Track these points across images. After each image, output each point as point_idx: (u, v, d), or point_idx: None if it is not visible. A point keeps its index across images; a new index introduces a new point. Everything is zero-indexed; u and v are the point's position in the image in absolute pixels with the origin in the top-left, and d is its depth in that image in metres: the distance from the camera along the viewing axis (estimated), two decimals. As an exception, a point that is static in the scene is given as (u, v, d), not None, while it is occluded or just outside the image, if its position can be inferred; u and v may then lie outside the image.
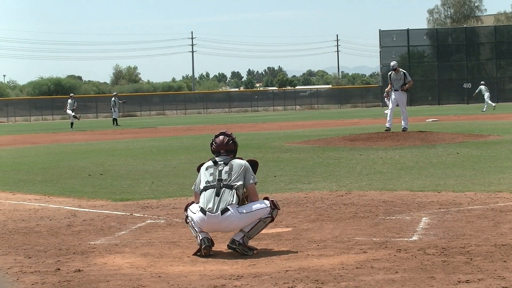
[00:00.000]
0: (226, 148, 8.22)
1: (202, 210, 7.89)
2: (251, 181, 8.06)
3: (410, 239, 8.21)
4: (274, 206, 8.05)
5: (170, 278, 6.73)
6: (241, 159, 8.22)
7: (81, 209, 11.38)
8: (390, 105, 25.30)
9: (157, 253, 7.96)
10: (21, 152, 25.16)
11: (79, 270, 7.13)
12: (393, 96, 25.05)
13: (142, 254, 7.92)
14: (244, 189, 8.09)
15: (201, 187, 8.05)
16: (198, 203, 8.02)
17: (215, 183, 7.95)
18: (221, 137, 8.26)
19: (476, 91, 51.75)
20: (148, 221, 10.13)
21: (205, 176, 8.08)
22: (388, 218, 9.64)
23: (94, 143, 29.48)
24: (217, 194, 7.89)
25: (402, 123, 24.95)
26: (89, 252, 8.09)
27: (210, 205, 7.85)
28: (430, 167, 15.46)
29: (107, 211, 11.07)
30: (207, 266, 7.26)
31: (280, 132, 32.39)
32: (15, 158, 22.40)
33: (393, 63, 25.69)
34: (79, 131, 41.91)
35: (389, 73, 25.47)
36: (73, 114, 45.97)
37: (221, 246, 8.17)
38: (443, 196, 11.37)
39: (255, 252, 7.85)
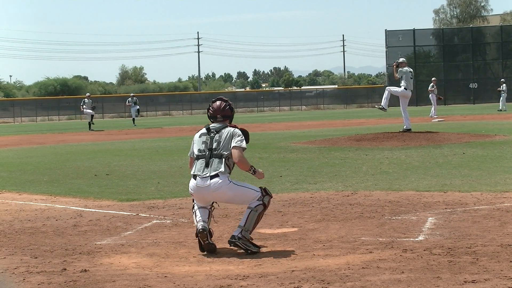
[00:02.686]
0: (222, 114, 8.31)
1: (194, 176, 8.02)
2: (234, 143, 7.99)
3: (416, 239, 8.21)
4: (265, 193, 8.07)
5: (176, 278, 6.75)
6: (235, 127, 8.22)
7: (87, 209, 11.41)
8: (400, 106, 24.71)
9: (163, 253, 7.97)
10: (28, 153, 25.20)
11: (85, 270, 7.15)
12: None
13: (148, 254, 7.94)
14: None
15: (195, 155, 8.15)
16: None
17: (205, 152, 8.05)
18: (218, 102, 8.37)
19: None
20: (154, 221, 10.15)
21: (198, 143, 8.18)
22: (394, 218, 9.64)
23: (100, 143, 29.52)
24: (207, 165, 7.99)
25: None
26: (95, 252, 8.11)
27: (200, 173, 7.96)
28: (436, 167, 15.45)
29: (113, 211, 11.09)
30: (213, 266, 7.27)
31: (286, 132, 32.39)
32: (22, 159, 22.44)
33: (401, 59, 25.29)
34: (87, 131, 41.96)
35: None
36: (92, 113, 45.30)
37: (226, 246, 8.18)
38: (449, 196, 11.36)
39: (260, 249, 7.86)
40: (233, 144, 7.98)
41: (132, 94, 56.78)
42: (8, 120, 75.49)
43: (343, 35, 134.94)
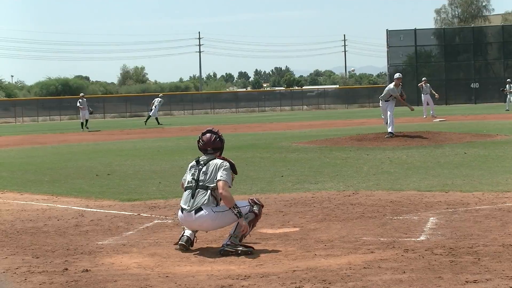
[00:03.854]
0: (212, 146, 8.34)
1: (181, 209, 8.13)
2: (219, 177, 8.01)
3: (418, 239, 8.20)
4: (254, 202, 8.14)
5: (178, 278, 6.74)
6: (224, 159, 8.25)
7: (89, 209, 11.41)
8: (389, 112, 23.41)
9: (165, 253, 7.97)
10: (29, 152, 25.21)
11: (87, 270, 7.15)
12: (386, 106, 23.55)
13: (150, 254, 7.94)
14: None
15: (184, 187, 8.25)
16: None
17: (192, 184, 8.12)
18: (208, 135, 8.38)
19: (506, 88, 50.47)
20: (156, 221, 10.15)
21: (187, 175, 8.27)
22: (395, 218, 9.64)
23: (101, 143, 29.52)
24: (192, 196, 8.07)
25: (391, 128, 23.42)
26: (96, 252, 8.11)
27: (186, 206, 8.07)
28: (437, 167, 15.44)
29: (115, 211, 11.09)
30: (215, 266, 7.27)
31: (287, 132, 32.37)
32: (23, 159, 22.45)
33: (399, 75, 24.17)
34: (88, 131, 41.96)
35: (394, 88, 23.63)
36: (87, 116, 44.87)
37: (228, 246, 8.20)
38: (451, 196, 11.36)
39: (251, 250, 7.82)
40: (218, 177, 8.01)
41: (161, 94, 56.62)
42: (10, 120, 75.49)
43: (344, 35, 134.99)
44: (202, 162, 8.20)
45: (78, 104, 45.10)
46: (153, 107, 49.49)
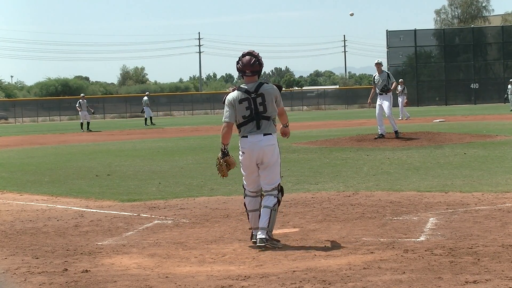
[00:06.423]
0: (251, 69, 8.31)
1: (245, 136, 8.27)
2: (281, 106, 8.34)
3: (418, 239, 8.20)
4: (279, 190, 8.53)
5: (177, 279, 6.74)
6: (267, 83, 8.33)
7: (89, 210, 11.41)
8: (377, 111, 23.02)
9: (164, 254, 7.97)
10: (29, 153, 25.21)
11: (87, 271, 7.15)
12: (378, 102, 22.95)
13: (149, 255, 7.94)
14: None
15: (240, 121, 8.28)
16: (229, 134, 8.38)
17: (253, 115, 8.21)
18: (247, 57, 8.33)
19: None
20: (155, 221, 10.15)
21: (240, 110, 8.25)
22: (395, 218, 9.64)
23: (101, 143, 29.52)
24: (258, 127, 8.23)
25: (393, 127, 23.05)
26: (96, 253, 8.11)
27: (253, 131, 8.25)
28: (437, 168, 15.44)
29: (115, 212, 11.09)
30: (214, 266, 7.27)
31: (287, 132, 32.32)
32: (23, 159, 22.45)
33: (378, 60, 23.16)
34: (89, 132, 41.96)
35: (374, 75, 23.23)
36: (88, 119, 44.74)
37: (228, 246, 8.19)
38: (450, 196, 11.35)
39: (281, 245, 8.11)
40: (279, 104, 8.32)
41: (147, 92, 56.69)
42: (9, 120, 75.50)
43: (344, 35, 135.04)
44: (252, 92, 8.22)
45: (77, 105, 45.11)
46: (144, 107, 49.82)
